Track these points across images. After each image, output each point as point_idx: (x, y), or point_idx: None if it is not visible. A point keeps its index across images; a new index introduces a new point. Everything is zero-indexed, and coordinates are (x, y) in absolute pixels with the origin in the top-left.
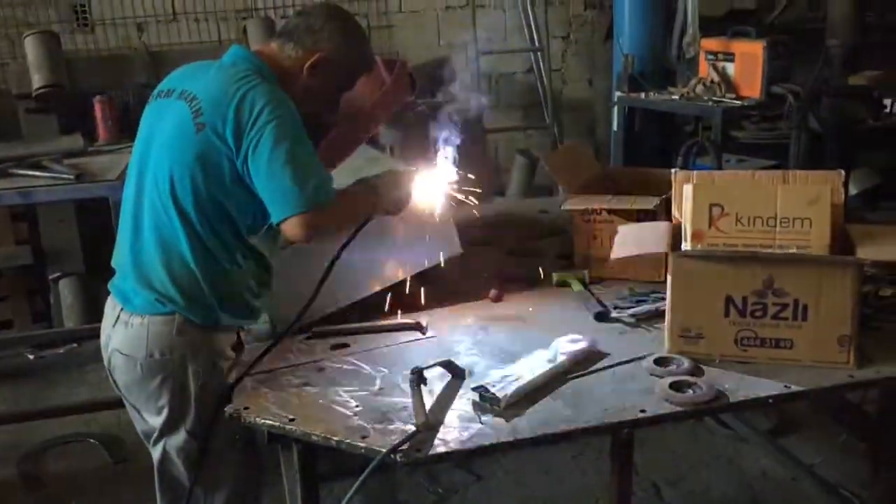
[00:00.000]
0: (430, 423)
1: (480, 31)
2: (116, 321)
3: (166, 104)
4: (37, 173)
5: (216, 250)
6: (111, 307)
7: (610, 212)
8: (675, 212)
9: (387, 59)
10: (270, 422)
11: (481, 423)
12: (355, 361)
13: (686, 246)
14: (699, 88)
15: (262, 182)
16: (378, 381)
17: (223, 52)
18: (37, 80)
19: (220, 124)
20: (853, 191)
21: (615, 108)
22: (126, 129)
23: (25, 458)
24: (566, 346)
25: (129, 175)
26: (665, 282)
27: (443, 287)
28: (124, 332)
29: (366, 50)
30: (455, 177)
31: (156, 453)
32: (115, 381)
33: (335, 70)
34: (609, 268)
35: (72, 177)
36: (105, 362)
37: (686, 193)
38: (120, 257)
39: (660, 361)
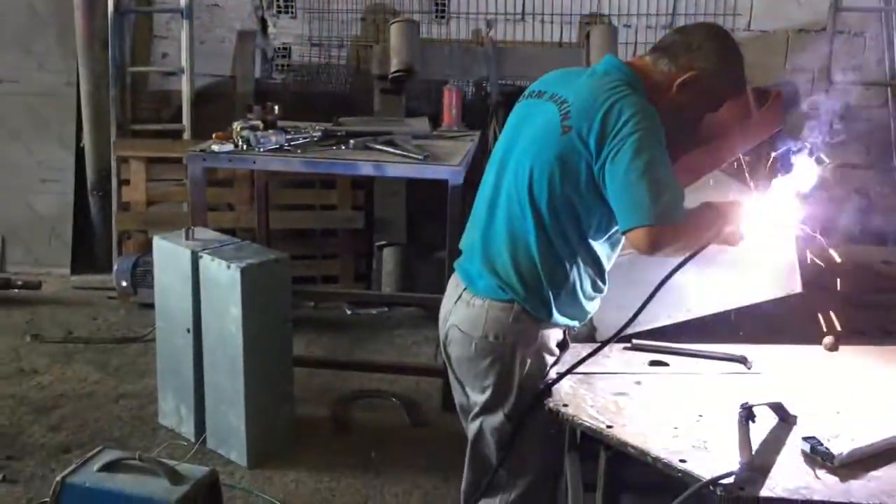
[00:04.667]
0: (756, 464)
1: (835, 58)
2: (458, 299)
3: (537, 105)
4: (390, 149)
5: (560, 248)
6: (454, 285)
7: None
8: None
9: (759, 88)
10: (588, 423)
11: (812, 476)
12: (674, 382)
13: None
14: None
15: (616, 190)
16: (698, 408)
17: (562, 54)
18: (395, 64)
19: (585, 129)
20: None
21: None
22: (466, 118)
23: (338, 403)
24: None
25: (490, 165)
26: None
27: (774, 323)
28: (465, 311)
29: (739, 75)
30: (800, 213)
31: (472, 428)
32: (447, 354)
33: (704, 90)
34: None
35: (421, 157)
36: (441, 335)
37: None
38: (470, 240)
39: None
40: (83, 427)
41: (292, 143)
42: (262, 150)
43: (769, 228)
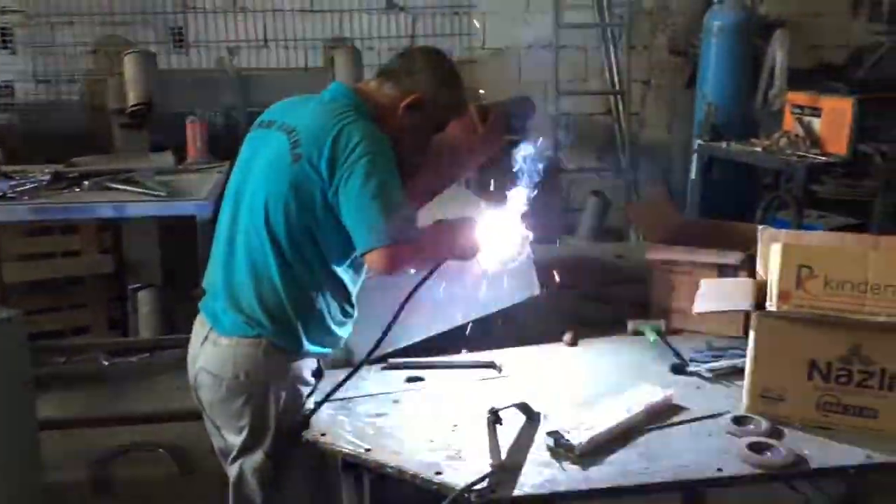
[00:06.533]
0: (506, 465)
1: (561, 71)
2: (205, 340)
3: (266, 134)
4: (129, 188)
5: (303, 278)
6: (200, 325)
7: (691, 264)
8: (759, 269)
9: (481, 106)
10: (346, 450)
11: (557, 469)
12: (430, 396)
13: (771, 306)
14: (783, 142)
15: (350, 213)
16: (452, 418)
17: (308, 79)
18: (132, 97)
19: (315, 156)
20: None
21: (694, 157)
22: (214, 149)
23: (97, 462)
24: (642, 396)
25: (225, 199)
26: (743, 338)
27: (518, 327)
28: (212, 352)
29: (459, 95)
30: (526, 219)
31: (232, 472)
32: (199, 399)
33: (428, 111)
34: (686, 320)
35: (163, 193)
36: (191, 379)
37: (773, 252)
38: (211, 278)
39: (738, 420)
40: None
41: (17, 190)
42: None
43: (503, 238)
